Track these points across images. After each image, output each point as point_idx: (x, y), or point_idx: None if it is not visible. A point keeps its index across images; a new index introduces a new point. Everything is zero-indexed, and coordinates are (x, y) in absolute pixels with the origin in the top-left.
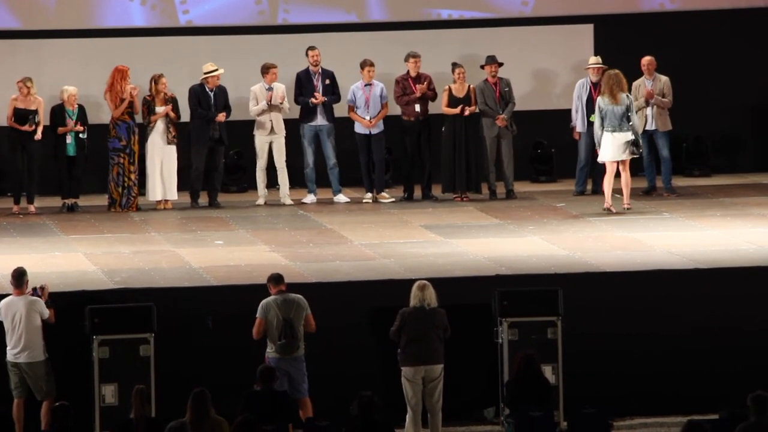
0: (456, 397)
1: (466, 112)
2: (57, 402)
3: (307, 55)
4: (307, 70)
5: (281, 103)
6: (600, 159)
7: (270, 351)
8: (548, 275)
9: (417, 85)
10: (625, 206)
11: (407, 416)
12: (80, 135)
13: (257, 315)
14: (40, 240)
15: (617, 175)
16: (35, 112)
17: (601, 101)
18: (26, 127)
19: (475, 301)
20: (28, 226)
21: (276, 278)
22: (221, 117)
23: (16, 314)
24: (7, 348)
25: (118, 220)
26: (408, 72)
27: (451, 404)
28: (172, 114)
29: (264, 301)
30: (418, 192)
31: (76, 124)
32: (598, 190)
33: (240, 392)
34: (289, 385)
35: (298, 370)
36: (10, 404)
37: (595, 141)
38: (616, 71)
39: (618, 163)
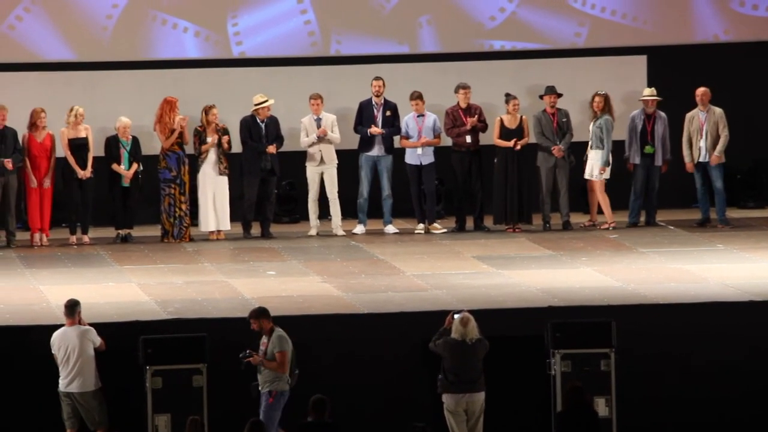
0: (509, 429)
1: (518, 147)
2: None
3: (371, 85)
4: (369, 100)
5: (326, 136)
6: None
7: (284, 383)
8: (601, 307)
9: (468, 118)
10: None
11: None
12: (138, 173)
13: (284, 348)
14: (94, 270)
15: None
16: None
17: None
18: (84, 173)
19: (527, 332)
20: (83, 256)
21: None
22: (271, 149)
23: (69, 345)
24: (60, 378)
25: (171, 251)
26: (458, 103)
27: None
28: (224, 145)
29: (284, 334)
30: (469, 223)
31: (130, 164)
32: (651, 222)
33: (292, 423)
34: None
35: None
36: None
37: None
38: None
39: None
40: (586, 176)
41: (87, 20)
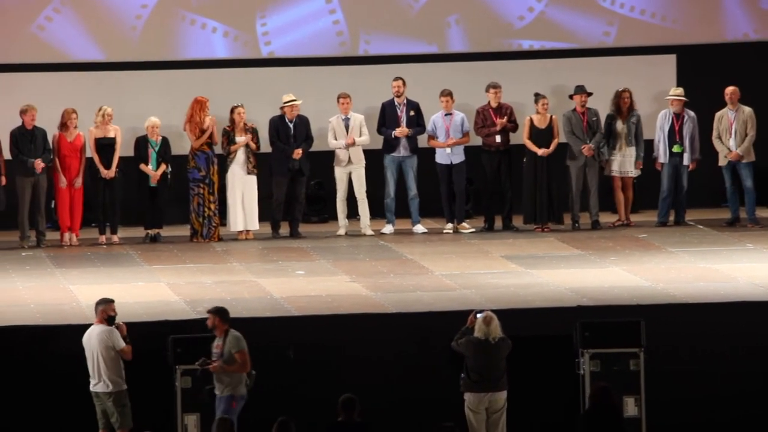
0: (537, 429)
1: (543, 154)
2: None
3: (391, 85)
4: (392, 101)
5: (354, 144)
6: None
7: (243, 386)
8: (630, 306)
9: (498, 119)
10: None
11: None
12: (166, 173)
13: (242, 347)
14: (123, 270)
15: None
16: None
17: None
18: (107, 173)
19: (556, 332)
20: (112, 256)
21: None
22: (297, 154)
23: (91, 345)
24: (90, 378)
25: (200, 251)
26: (489, 102)
27: None
28: (252, 144)
29: (239, 334)
30: (498, 223)
31: (158, 165)
32: (680, 221)
33: (321, 422)
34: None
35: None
36: None
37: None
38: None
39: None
40: (616, 173)
41: (116, 20)
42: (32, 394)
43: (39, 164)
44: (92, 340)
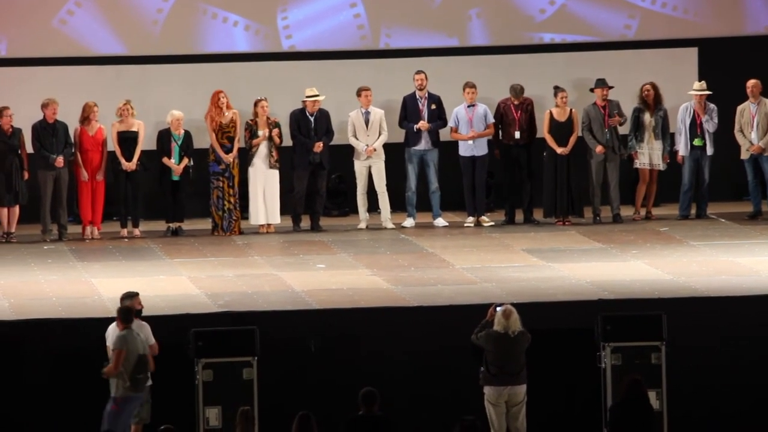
0: (557, 422)
1: (563, 153)
2: (162, 426)
3: (413, 78)
4: (413, 94)
5: (377, 136)
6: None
7: (128, 389)
8: (652, 300)
9: (518, 112)
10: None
11: None
12: (188, 167)
13: (118, 347)
14: (145, 263)
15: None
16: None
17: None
18: (128, 165)
19: (577, 325)
20: (134, 249)
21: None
22: (318, 147)
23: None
24: None
25: (221, 244)
26: (510, 98)
27: (553, 430)
28: (276, 139)
29: (129, 334)
30: (519, 216)
31: (180, 158)
32: (702, 214)
33: (342, 416)
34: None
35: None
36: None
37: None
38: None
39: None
40: (645, 166)
41: (138, 14)
42: (53, 388)
43: (60, 161)
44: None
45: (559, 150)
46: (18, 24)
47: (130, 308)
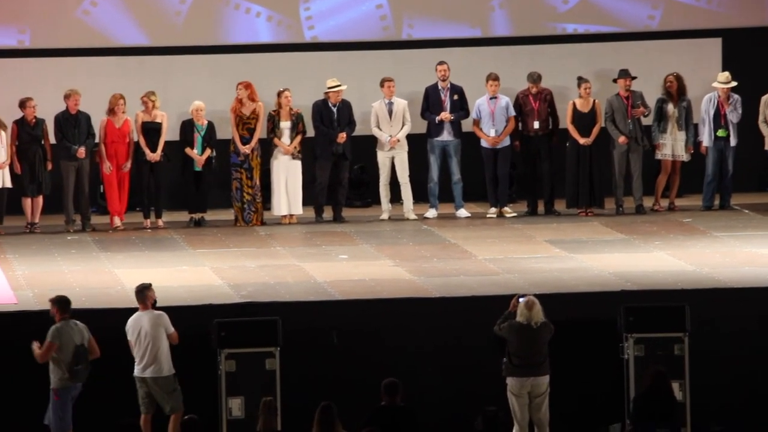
0: (580, 412)
1: (585, 143)
2: (186, 415)
3: (436, 69)
4: (435, 85)
5: (401, 128)
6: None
7: (65, 380)
8: (675, 291)
9: (537, 102)
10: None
11: (514, 431)
12: (211, 158)
13: (49, 339)
14: (167, 254)
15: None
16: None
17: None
18: (153, 156)
19: (600, 316)
20: (157, 240)
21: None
22: (341, 138)
23: (141, 329)
24: (135, 363)
25: (243, 235)
26: (528, 88)
27: (576, 420)
28: (297, 140)
29: (63, 327)
30: (541, 207)
31: (203, 149)
32: (725, 205)
33: (365, 407)
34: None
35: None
36: (137, 419)
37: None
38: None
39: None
40: (668, 157)
41: (161, 5)
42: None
43: (82, 152)
44: (143, 325)
45: (582, 141)
46: (41, 15)
47: (66, 299)
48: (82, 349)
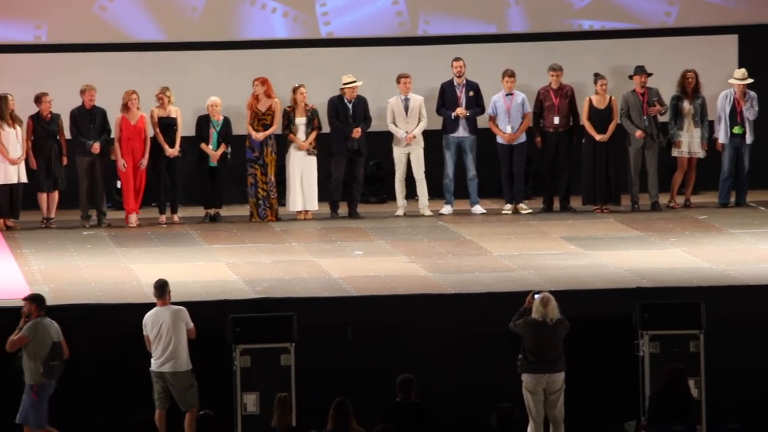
0: (594, 409)
1: (601, 140)
2: (201, 411)
3: (451, 65)
4: (451, 81)
5: (417, 123)
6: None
7: (40, 375)
8: (690, 288)
9: (558, 98)
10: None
11: (529, 428)
12: (226, 153)
13: (24, 333)
14: (183, 250)
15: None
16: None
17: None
18: (171, 151)
19: (615, 313)
20: (172, 235)
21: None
22: (356, 133)
23: (162, 324)
24: (153, 358)
25: (259, 230)
26: (550, 84)
27: (591, 417)
28: (312, 135)
29: (41, 323)
30: (557, 204)
31: (218, 145)
32: (741, 202)
33: (379, 403)
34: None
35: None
36: (152, 414)
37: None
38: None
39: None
40: (685, 154)
41: (177, 1)
42: (92, 373)
43: (96, 147)
44: (164, 320)
45: (598, 137)
46: (58, 10)
47: (42, 297)
48: (59, 346)
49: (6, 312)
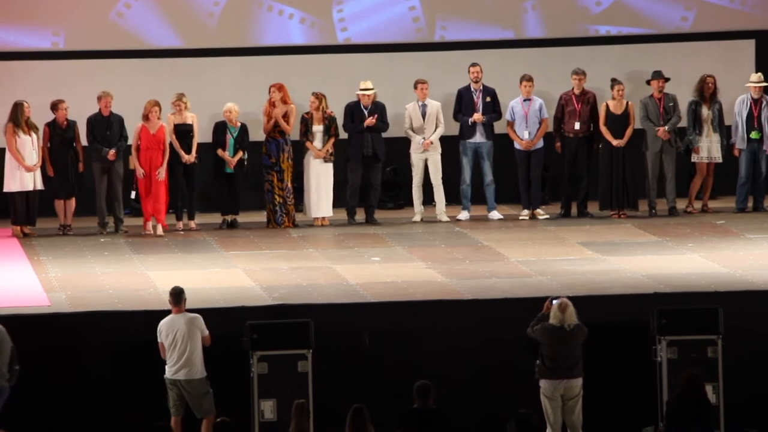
0: (612, 415)
1: (618, 145)
2: (218, 418)
3: (468, 71)
4: (468, 87)
5: (434, 130)
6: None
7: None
8: (708, 293)
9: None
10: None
11: None
12: (243, 160)
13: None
14: (200, 256)
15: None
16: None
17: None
18: (188, 158)
19: (633, 318)
20: (189, 242)
21: None
22: (369, 121)
23: (177, 332)
24: (167, 365)
25: (276, 237)
26: (573, 89)
27: (609, 423)
28: (329, 145)
29: None
30: (574, 209)
31: (235, 151)
32: (759, 207)
33: (397, 409)
34: None
35: None
36: (168, 421)
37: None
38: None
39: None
40: (704, 159)
41: (194, 7)
42: (109, 380)
43: (112, 154)
44: (179, 327)
45: (615, 142)
46: (76, 17)
47: None
48: (14, 352)
49: (24, 319)
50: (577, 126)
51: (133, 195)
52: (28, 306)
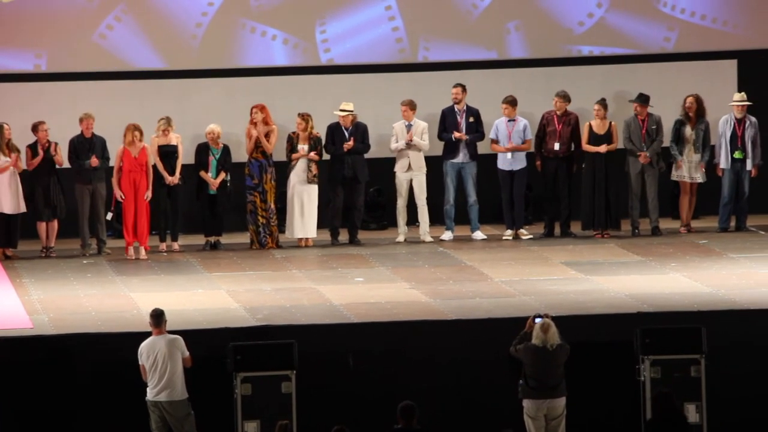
0: None
1: (604, 149)
2: None
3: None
4: (452, 107)
5: (412, 142)
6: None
7: None
8: (691, 313)
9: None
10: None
11: None
12: (226, 181)
13: None
14: (183, 277)
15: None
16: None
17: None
18: (171, 179)
19: (616, 338)
20: (172, 263)
21: None
22: (348, 145)
23: (158, 353)
24: (149, 387)
25: (259, 258)
26: (555, 109)
27: None
28: (314, 156)
29: None
30: (557, 229)
31: (217, 173)
32: (742, 227)
33: (380, 430)
34: None
35: None
36: None
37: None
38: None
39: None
40: (685, 178)
41: (177, 29)
42: (93, 402)
43: (94, 160)
44: (159, 349)
45: (602, 147)
46: (58, 39)
47: None
48: None
49: (6, 342)
50: (556, 146)
51: (109, 216)
52: (11, 328)
